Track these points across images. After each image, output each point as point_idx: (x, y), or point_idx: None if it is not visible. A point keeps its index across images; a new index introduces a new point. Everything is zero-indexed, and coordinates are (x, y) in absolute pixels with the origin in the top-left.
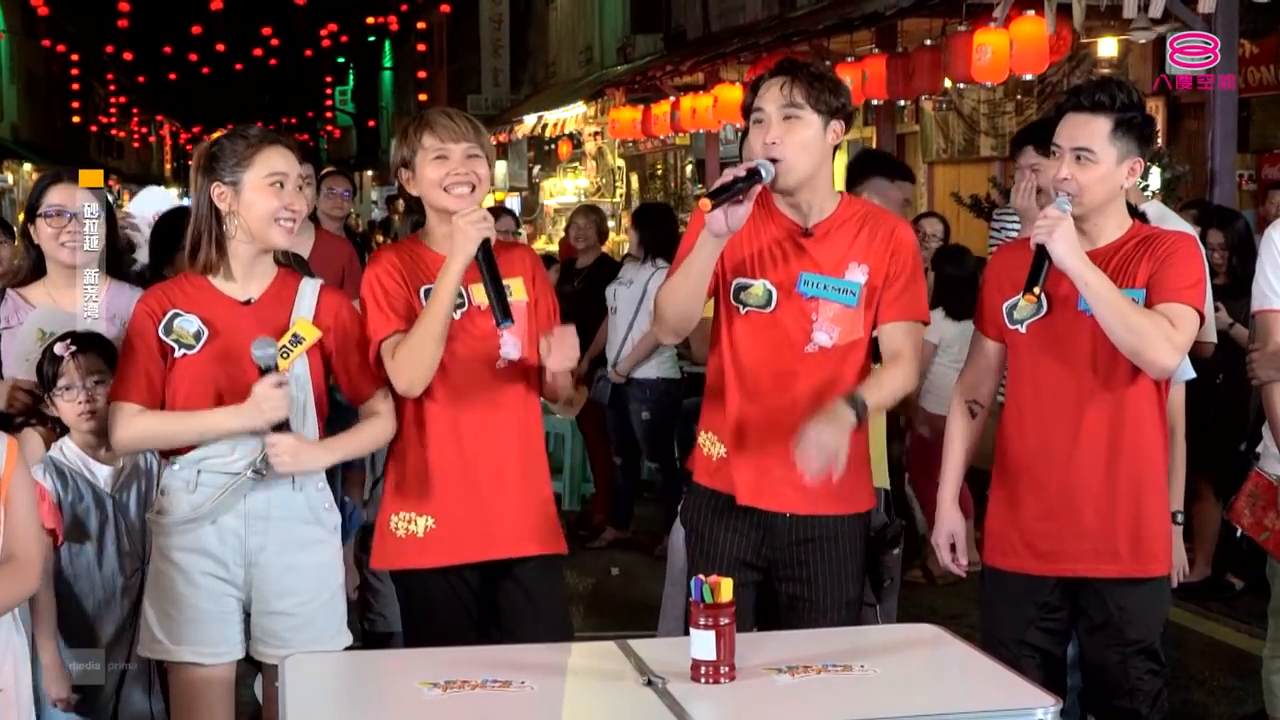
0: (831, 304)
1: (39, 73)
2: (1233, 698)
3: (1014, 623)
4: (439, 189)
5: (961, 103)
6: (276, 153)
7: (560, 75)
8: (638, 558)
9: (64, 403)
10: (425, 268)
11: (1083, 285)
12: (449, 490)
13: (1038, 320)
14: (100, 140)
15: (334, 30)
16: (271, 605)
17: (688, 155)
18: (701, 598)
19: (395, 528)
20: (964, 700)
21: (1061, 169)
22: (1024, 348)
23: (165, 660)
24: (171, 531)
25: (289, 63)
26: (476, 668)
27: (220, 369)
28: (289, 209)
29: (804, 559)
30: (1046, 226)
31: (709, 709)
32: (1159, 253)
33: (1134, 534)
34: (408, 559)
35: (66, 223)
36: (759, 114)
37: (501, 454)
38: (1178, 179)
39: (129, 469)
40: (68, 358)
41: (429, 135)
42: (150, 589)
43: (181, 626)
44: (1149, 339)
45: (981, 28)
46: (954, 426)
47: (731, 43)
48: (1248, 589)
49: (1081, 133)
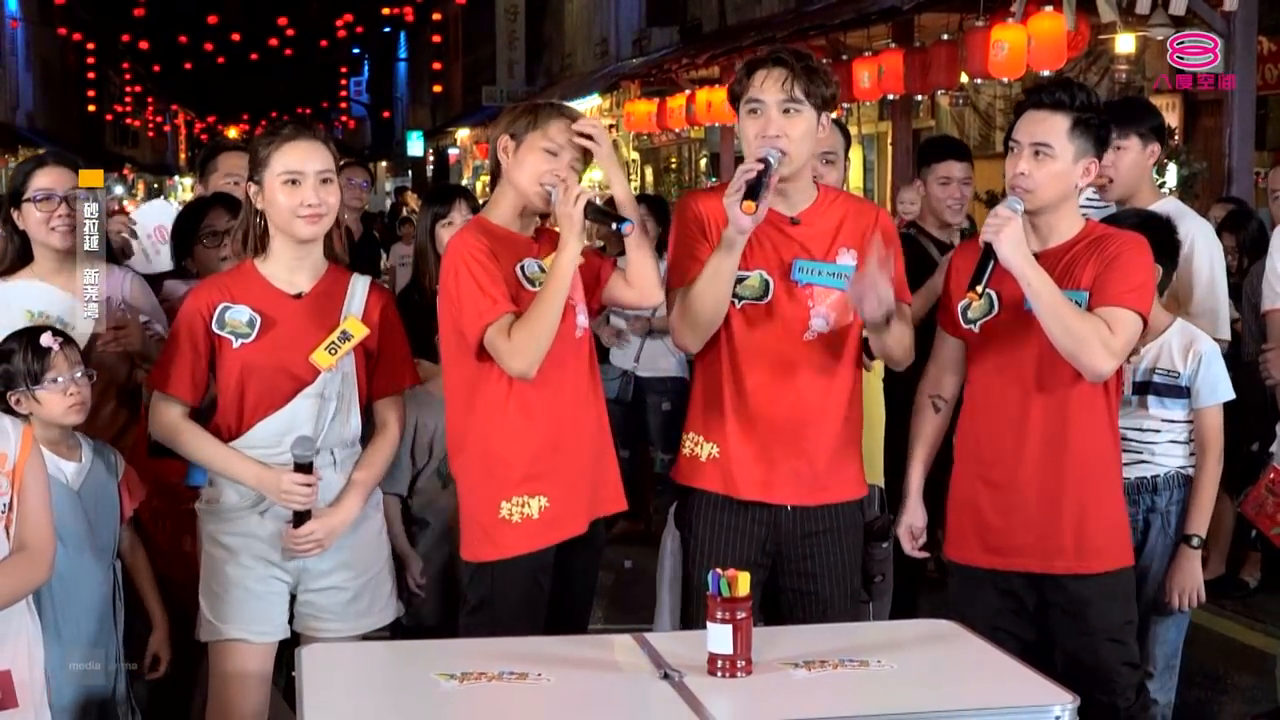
0: (827, 290)
1: (55, 61)
2: (1247, 696)
3: (983, 612)
4: (537, 183)
5: (978, 98)
6: (292, 149)
7: (575, 67)
8: (651, 550)
9: (52, 395)
10: (512, 246)
11: (1025, 285)
12: (560, 467)
13: (989, 319)
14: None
15: (349, 21)
16: (321, 582)
17: (702, 148)
18: (719, 591)
19: (509, 514)
20: (981, 696)
21: (1019, 163)
22: (976, 346)
23: (212, 641)
24: (221, 518)
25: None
26: (493, 660)
27: (274, 359)
28: (305, 204)
29: (809, 552)
30: (994, 225)
31: (726, 703)
32: (1106, 254)
33: (1079, 531)
34: (525, 544)
35: (56, 206)
36: (756, 104)
37: (588, 423)
38: (1194, 176)
39: (91, 463)
40: (56, 349)
41: (553, 126)
42: (202, 576)
43: (229, 606)
44: (1084, 343)
45: (999, 23)
46: (918, 422)
47: (747, 36)
48: (1262, 587)
49: (1039, 128)
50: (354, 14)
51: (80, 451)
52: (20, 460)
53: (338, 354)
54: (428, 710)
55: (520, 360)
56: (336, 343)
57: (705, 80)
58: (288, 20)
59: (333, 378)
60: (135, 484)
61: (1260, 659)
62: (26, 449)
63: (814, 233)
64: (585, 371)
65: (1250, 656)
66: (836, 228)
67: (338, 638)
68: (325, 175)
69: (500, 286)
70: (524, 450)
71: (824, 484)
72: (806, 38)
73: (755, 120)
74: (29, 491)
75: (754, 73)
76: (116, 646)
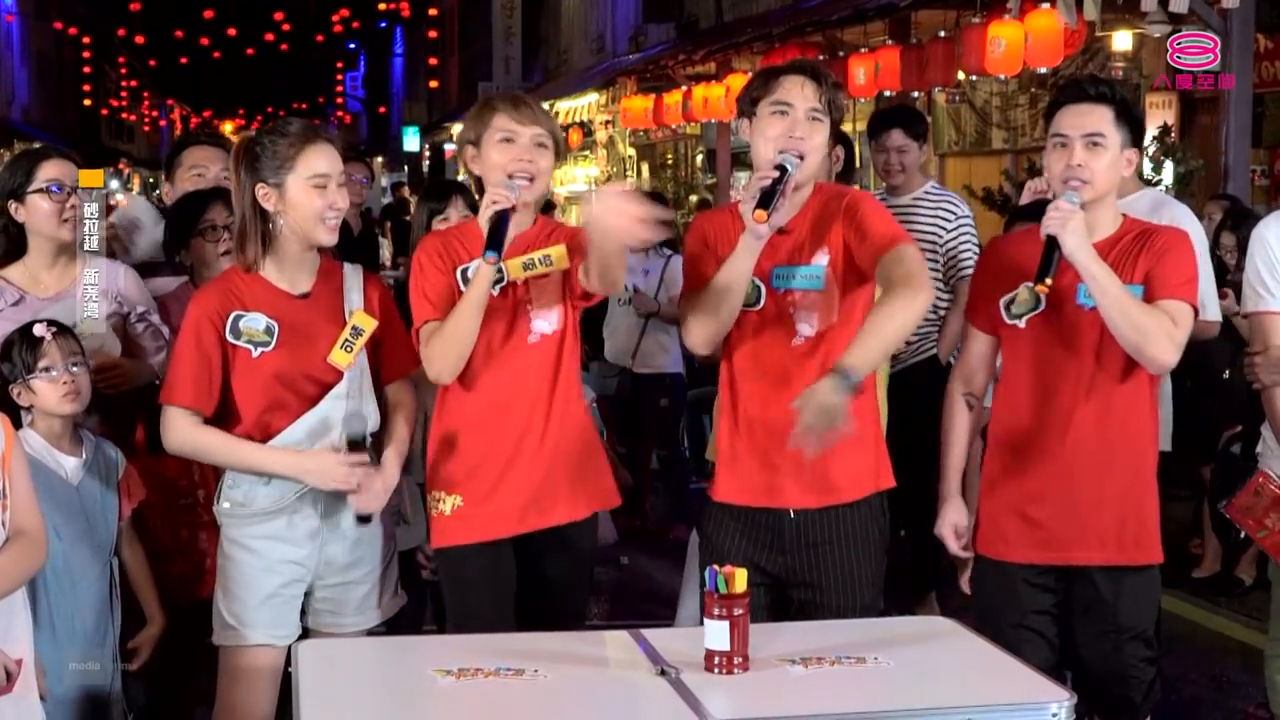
0: (805, 293)
1: (50, 55)
2: (1241, 693)
3: (1011, 609)
4: (505, 173)
5: (974, 95)
6: (318, 152)
7: (572, 63)
8: (648, 546)
9: (45, 384)
10: (468, 248)
11: (1090, 279)
12: (481, 470)
13: (1036, 315)
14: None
15: (345, 16)
16: (340, 577)
17: (699, 145)
18: (716, 588)
19: (431, 507)
20: (978, 693)
21: (1074, 155)
22: (1022, 342)
23: (233, 645)
24: (247, 523)
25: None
26: (490, 656)
27: (296, 365)
28: (333, 208)
29: (815, 563)
30: (1060, 219)
31: (722, 700)
32: (1155, 248)
33: (1126, 523)
34: (442, 537)
35: (67, 198)
36: (785, 107)
37: (549, 430)
38: (1191, 174)
39: (92, 459)
40: (49, 339)
41: (499, 116)
42: (220, 578)
43: (255, 610)
44: (1152, 335)
45: (996, 20)
46: (953, 419)
47: (744, 32)
48: (1257, 584)
49: (1088, 120)
50: (350, 9)
51: (82, 448)
52: (6, 450)
53: (354, 351)
54: (424, 706)
55: (432, 367)
56: (350, 340)
57: (702, 76)
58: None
59: (353, 374)
60: (135, 483)
61: (1254, 656)
62: (10, 439)
63: (797, 239)
64: (542, 378)
65: (1245, 653)
66: (812, 229)
67: (353, 632)
68: (341, 178)
69: (437, 289)
70: (446, 448)
71: (834, 484)
72: (803, 34)
73: (781, 120)
74: (17, 479)
75: (782, 77)
76: (113, 644)
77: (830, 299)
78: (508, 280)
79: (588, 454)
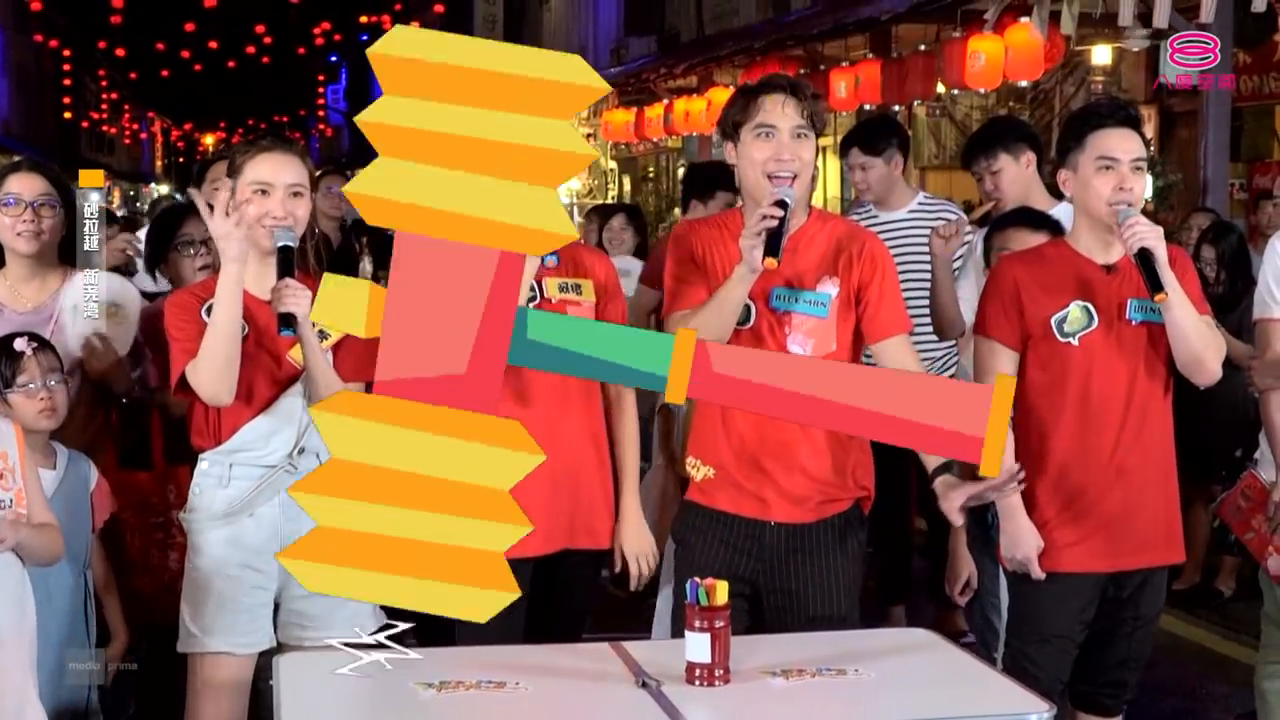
0: (804, 317)
1: (30, 68)
2: (1221, 705)
3: (1067, 620)
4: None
5: (954, 109)
6: (265, 160)
7: None
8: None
9: (23, 399)
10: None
11: (1172, 289)
12: None
13: (1089, 332)
14: (91, 136)
15: (327, 28)
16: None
17: (680, 158)
18: (697, 600)
19: None
20: (958, 705)
21: (1125, 180)
22: (1074, 359)
23: (194, 652)
24: (207, 527)
25: (281, 61)
26: (472, 668)
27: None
28: (271, 216)
29: (794, 571)
30: (1152, 233)
31: (703, 711)
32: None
33: (1169, 526)
34: None
35: (21, 212)
36: (768, 130)
37: None
38: (1170, 187)
39: (65, 472)
40: (29, 354)
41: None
42: (185, 586)
43: (213, 616)
44: (1211, 348)
45: (976, 34)
46: None
47: (725, 46)
48: (1236, 596)
49: (1132, 144)
50: (332, 22)
51: (56, 459)
52: (20, 451)
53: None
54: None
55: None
56: None
57: (683, 90)
58: (265, 28)
59: None
60: (106, 496)
61: (1235, 668)
62: (21, 441)
63: (797, 260)
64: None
65: (1225, 666)
66: (822, 256)
67: (322, 646)
68: (297, 189)
69: None
70: None
71: (830, 495)
72: (785, 48)
73: (767, 144)
74: (31, 481)
75: (762, 97)
76: (90, 656)
77: (830, 328)
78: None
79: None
